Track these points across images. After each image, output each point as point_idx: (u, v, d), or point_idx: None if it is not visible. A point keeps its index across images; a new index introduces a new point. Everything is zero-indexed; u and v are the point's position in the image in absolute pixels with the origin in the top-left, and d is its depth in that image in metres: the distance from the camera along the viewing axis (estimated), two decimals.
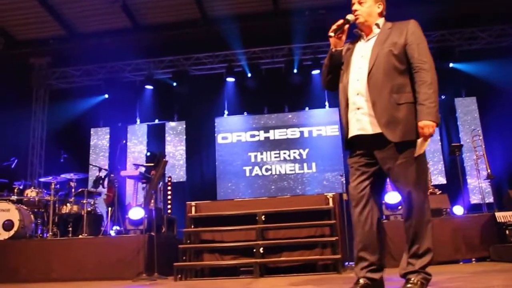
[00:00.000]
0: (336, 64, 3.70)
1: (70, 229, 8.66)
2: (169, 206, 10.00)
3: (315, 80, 12.01)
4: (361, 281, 3.46)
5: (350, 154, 3.67)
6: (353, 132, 3.55)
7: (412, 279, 3.34)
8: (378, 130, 3.42)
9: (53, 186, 8.72)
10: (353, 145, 3.63)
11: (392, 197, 8.01)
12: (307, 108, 12.18)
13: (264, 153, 12.01)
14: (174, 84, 12.11)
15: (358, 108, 3.51)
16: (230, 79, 12.13)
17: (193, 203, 7.39)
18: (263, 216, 6.99)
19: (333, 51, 3.68)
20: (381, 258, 3.51)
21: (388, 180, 3.65)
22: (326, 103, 12.03)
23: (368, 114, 3.47)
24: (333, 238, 6.69)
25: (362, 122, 3.49)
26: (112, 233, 8.90)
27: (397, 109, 3.39)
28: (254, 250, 6.69)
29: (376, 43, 3.55)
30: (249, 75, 11.96)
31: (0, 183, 9.06)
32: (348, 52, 3.69)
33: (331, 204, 7.08)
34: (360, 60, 3.59)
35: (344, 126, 3.65)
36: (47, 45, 12.37)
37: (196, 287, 5.35)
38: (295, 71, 11.89)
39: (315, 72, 11.89)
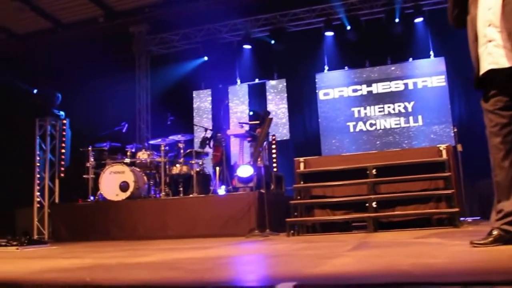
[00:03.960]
0: None
1: (181, 189, 8.95)
2: (274, 164, 10.04)
3: (418, 28, 11.40)
4: (495, 232, 3.25)
5: (484, 96, 3.39)
6: (484, 67, 3.26)
7: None
8: None
9: (162, 148, 9.01)
10: (485, 83, 3.35)
11: None
12: (411, 59, 11.60)
13: (368, 107, 11.65)
14: (272, 42, 11.97)
15: (490, 41, 3.22)
16: (329, 33, 11.77)
17: (301, 159, 7.35)
18: (374, 170, 6.82)
19: None
20: None
21: None
22: (431, 52, 11.38)
23: (503, 47, 3.16)
24: (449, 191, 6.42)
25: (495, 56, 3.20)
26: (221, 192, 9.04)
27: None
28: (367, 205, 6.55)
29: None
30: (349, 27, 11.50)
31: (113, 147, 9.48)
32: None
33: (444, 156, 6.78)
34: None
35: (473, 62, 3.36)
36: (144, 13, 12.65)
37: (312, 241, 5.33)
38: (396, 20, 11.28)
39: (418, 20, 11.27)
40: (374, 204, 6.54)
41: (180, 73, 12.71)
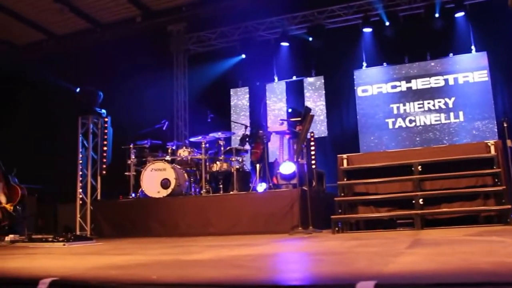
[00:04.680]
0: None
1: (221, 186, 8.97)
2: (313, 161, 9.99)
3: (459, 23, 11.18)
4: None
5: None
6: None
7: None
8: None
9: (203, 145, 9.03)
10: None
11: None
12: (451, 54, 11.40)
13: (407, 104, 11.49)
14: (310, 39, 11.91)
15: None
16: (367, 30, 11.66)
17: (344, 155, 7.30)
18: (419, 167, 6.72)
19: None
20: None
21: None
22: (473, 47, 11.14)
23: None
24: (500, 188, 6.29)
25: None
26: (260, 189, 8.98)
27: None
28: (414, 202, 6.46)
29: None
30: (387, 23, 11.37)
31: (154, 144, 9.54)
32: None
33: (493, 152, 6.64)
34: None
35: None
36: (181, 12, 12.73)
37: (361, 238, 5.27)
38: (436, 15, 11.08)
39: (459, 14, 11.05)
40: (420, 201, 6.45)
41: (217, 71, 12.78)
